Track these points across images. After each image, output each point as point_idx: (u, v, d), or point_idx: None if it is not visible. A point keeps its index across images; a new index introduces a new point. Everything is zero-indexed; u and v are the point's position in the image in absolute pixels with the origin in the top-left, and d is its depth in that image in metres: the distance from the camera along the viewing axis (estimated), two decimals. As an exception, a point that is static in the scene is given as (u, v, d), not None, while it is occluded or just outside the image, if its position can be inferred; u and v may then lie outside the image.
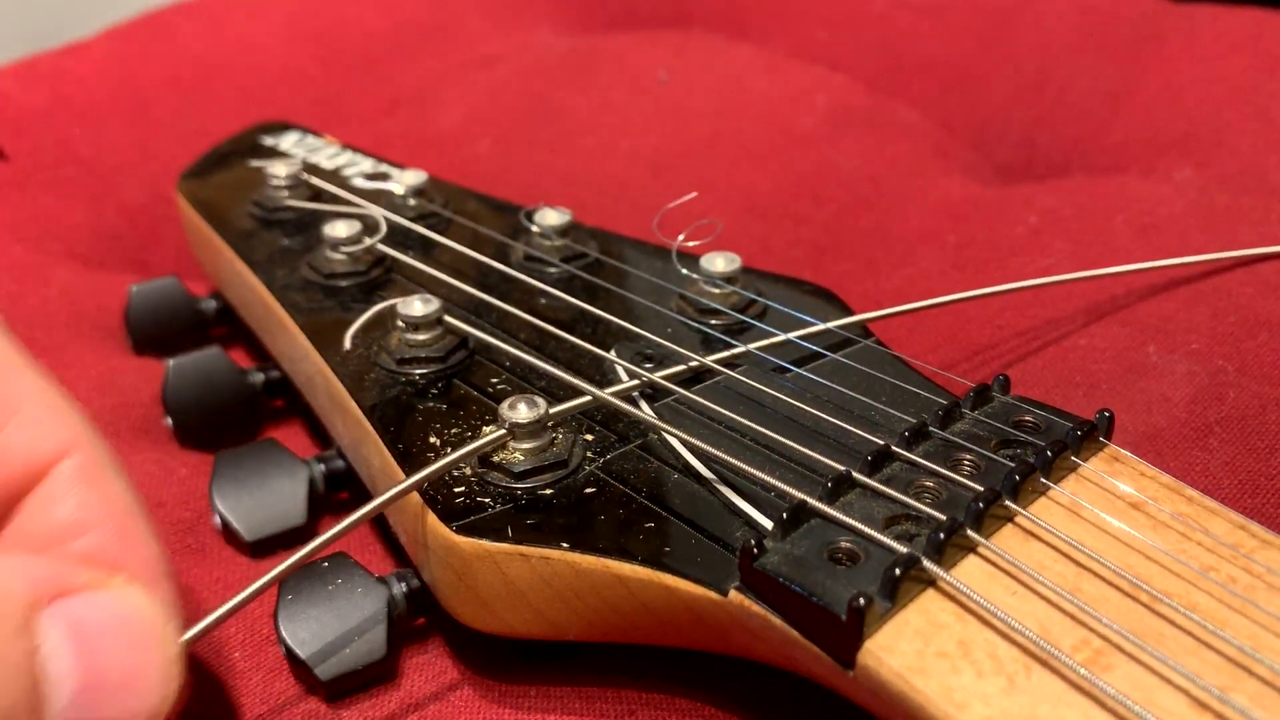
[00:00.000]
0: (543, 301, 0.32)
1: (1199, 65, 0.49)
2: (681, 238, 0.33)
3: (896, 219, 0.44)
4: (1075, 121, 0.50)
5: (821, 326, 0.30)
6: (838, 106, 0.52)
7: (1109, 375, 0.33)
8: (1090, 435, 0.24)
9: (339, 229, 0.34)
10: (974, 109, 0.53)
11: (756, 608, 0.21)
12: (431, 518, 0.24)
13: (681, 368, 0.28)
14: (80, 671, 0.19)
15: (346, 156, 0.42)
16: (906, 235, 0.43)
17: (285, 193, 0.38)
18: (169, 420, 0.34)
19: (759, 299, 0.32)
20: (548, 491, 0.25)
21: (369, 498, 0.31)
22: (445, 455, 0.25)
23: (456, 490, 0.25)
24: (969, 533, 0.21)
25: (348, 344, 0.30)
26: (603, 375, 0.29)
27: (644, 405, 0.27)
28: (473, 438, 0.26)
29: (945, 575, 0.20)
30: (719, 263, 0.31)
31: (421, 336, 0.29)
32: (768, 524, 0.23)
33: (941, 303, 0.33)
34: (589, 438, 0.26)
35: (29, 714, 0.19)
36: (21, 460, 0.22)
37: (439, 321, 0.29)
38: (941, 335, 0.36)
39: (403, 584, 0.27)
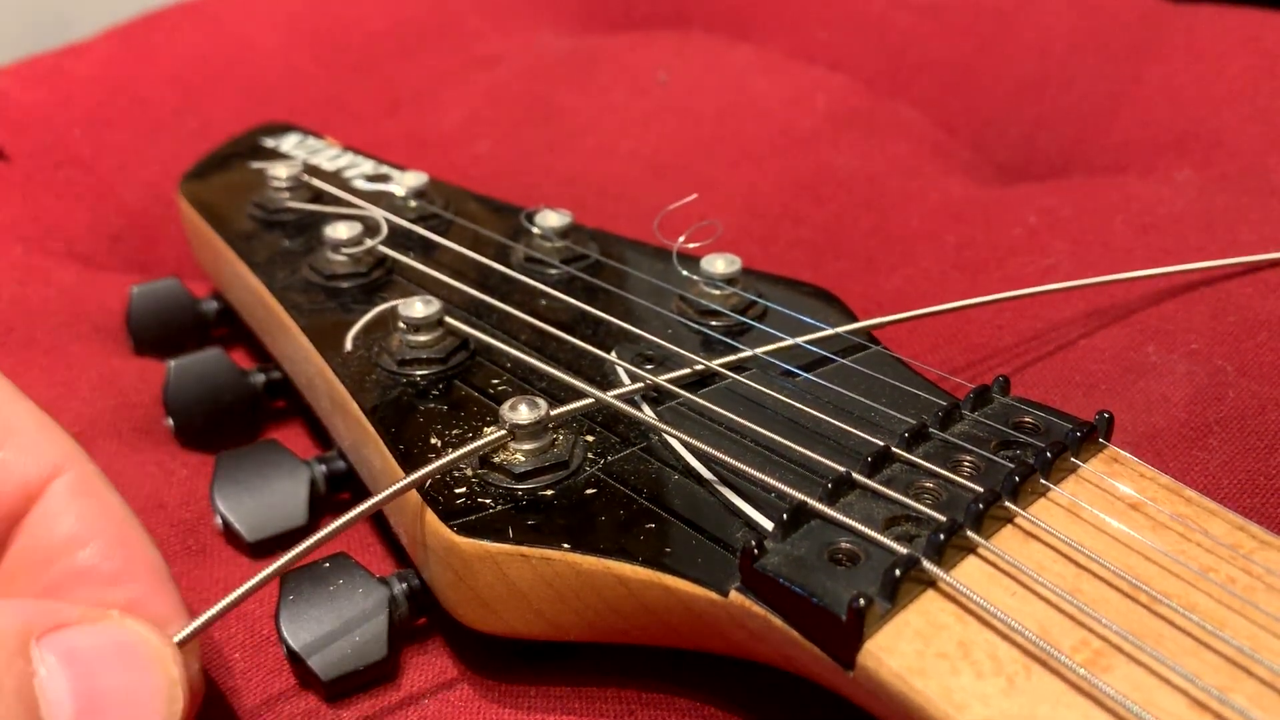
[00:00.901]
0: (543, 303, 0.32)
1: (1199, 65, 0.49)
2: (682, 239, 0.33)
3: (896, 219, 0.44)
4: (1075, 121, 0.50)
5: (830, 332, 0.30)
6: (838, 107, 0.52)
7: (1108, 375, 0.33)
8: (1090, 436, 0.24)
9: (340, 230, 0.34)
10: (974, 109, 0.53)
11: (757, 608, 0.21)
12: (432, 518, 0.24)
13: (684, 371, 0.28)
14: (78, 693, 0.20)
15: (347, 158, 0.42)
16: (906, 235, 0.43)
17: (286, 194, 0.38)
18: (170, 421, 0.34)
19: (759, 300, 0.32)
20: (549, 492, 0.25)
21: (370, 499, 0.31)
22: (446, 456, 0.25)
23: (457, 491, 0.25)
24: (969, 534, 0.21)
25: (349, 345, 0.30)
26: (603, 376, 0.29)
27: (645, 407, 0.27)
28: (474, 439, 0.26)
29: (945, 576, 0.20)
30: (719, 264, 0.32)
31: (422, 338, 0.29)
32: (768, 525, 0.23)
33: (944, 310, 0.33)
34: (590, 439, 0.26)
35: None
36: (19, 481, 0.23)
37: (440, 323, 0.29)
38: (941, 335, 0.36)
39: (403, 584, 0.27)
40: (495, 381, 0.29)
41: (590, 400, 0.27)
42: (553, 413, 0.26)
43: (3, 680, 0.19)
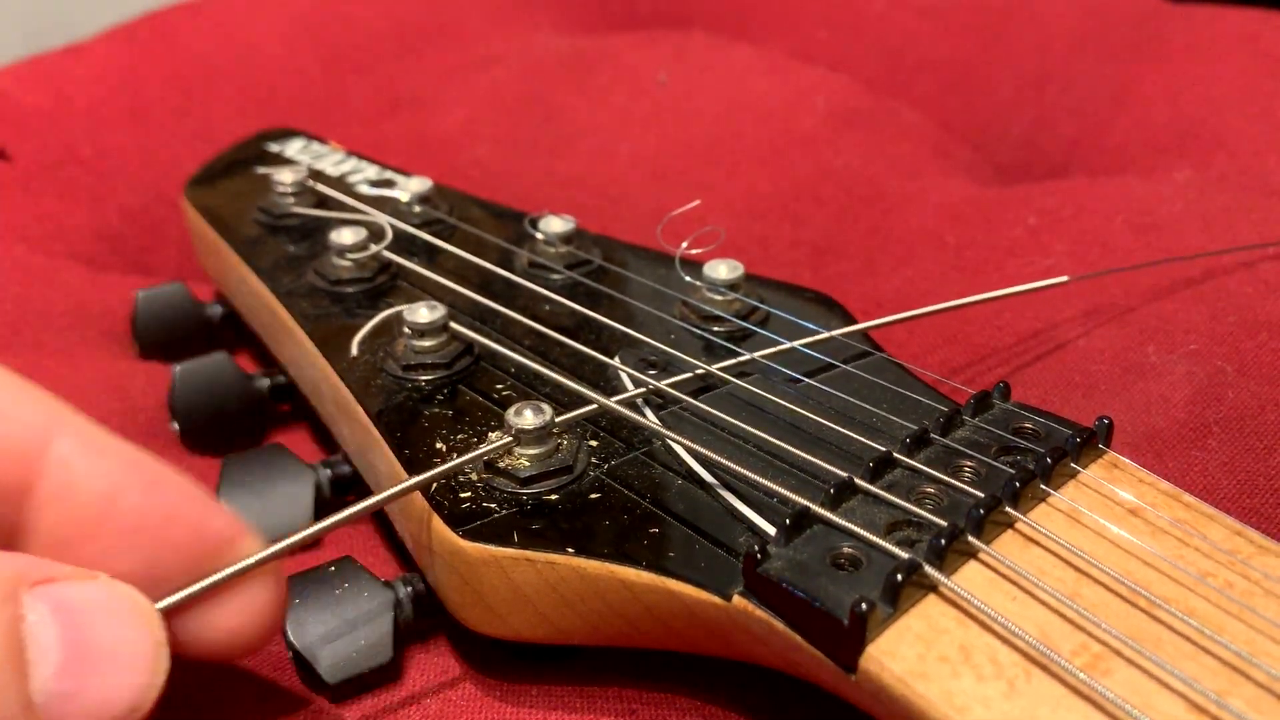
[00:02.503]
0: (547, 308, 0.33)
1: (1199, 65, 0.49)
2: (685, 245, 0.33)
3: (896, 220, 0.44)
4: (1075, 121, 0.50)
5: (825, 335, 0.30)
6: (838, 107, 0.52)
7: (1108, 376, 0.33)
8: (1089, 442, 0.24)
9: (345, 235, 0.34)
10: (974, 109, 0.53)
11: (760, 612, 0.21)
12: (437, 522, 0.25)
13: (687, 375, 0.28)
14: (66, 642, 0.20)
15: (351, 163, 0.42)
16: (906, 236, 0.43)
17: (291, 199, 0.38)
18: (176, 425, 0.35)
19: (761, 306, 0.32)
20: (553, 497, 0.25)
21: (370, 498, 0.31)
22: (451, 460, 0.25)
23: (462, 495, 0.25)
24: (970, 539, 0.21)
25: (354, 350, 0.30)
26: (606, 381, 0.29)
27: (648, 412, 0.27)
28: (478, 443, 0.26)
29: (946, 581, 0.20)
30: (722, 270, 0.32)
31: (427, 343, 0.29)
32: (771, 530, 0.23)
33: (940, 309, 0.33)
34: (594, 443, 0.27)
35: (15, 678, 0.19)
36: (14, 452, 0.22)
37: (444, 328, 0.30)
38: (941, 336, 0.37)
39: (408, 588, 0.27)
40: (499, 386, 0.29)
41: (594, 406, 0.27)
42: (558, 419, 0.26)
43: None
